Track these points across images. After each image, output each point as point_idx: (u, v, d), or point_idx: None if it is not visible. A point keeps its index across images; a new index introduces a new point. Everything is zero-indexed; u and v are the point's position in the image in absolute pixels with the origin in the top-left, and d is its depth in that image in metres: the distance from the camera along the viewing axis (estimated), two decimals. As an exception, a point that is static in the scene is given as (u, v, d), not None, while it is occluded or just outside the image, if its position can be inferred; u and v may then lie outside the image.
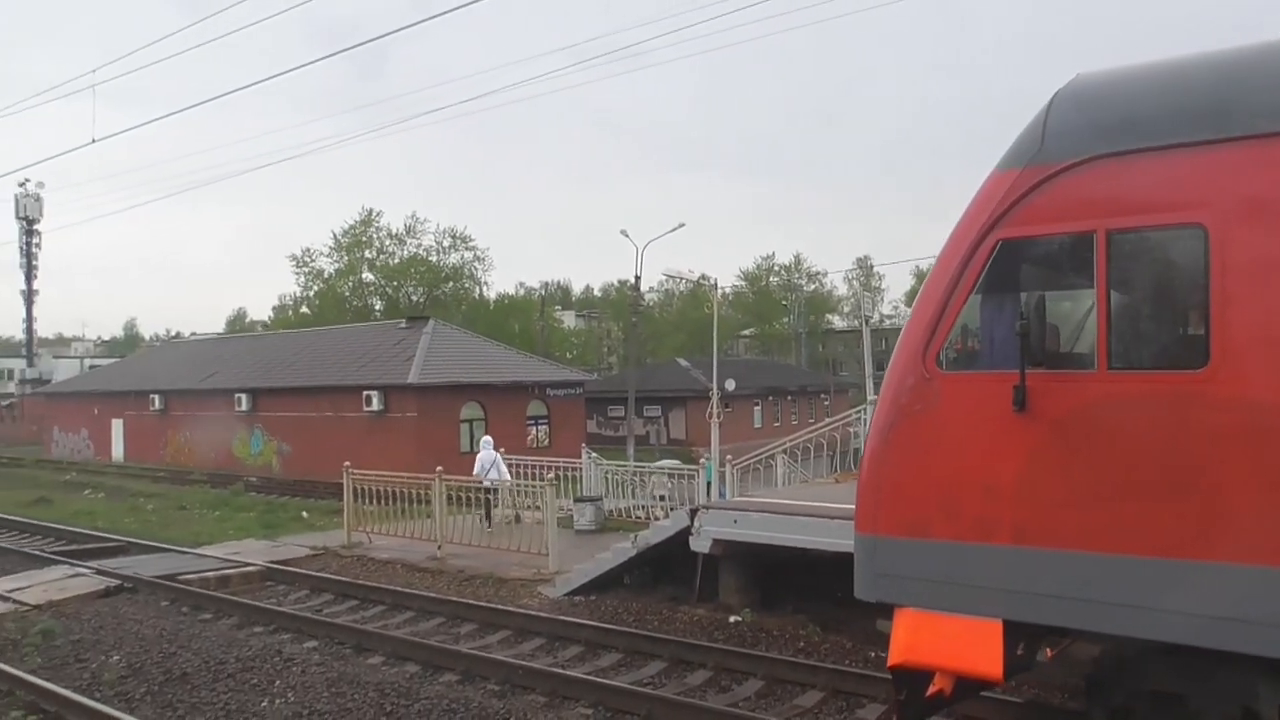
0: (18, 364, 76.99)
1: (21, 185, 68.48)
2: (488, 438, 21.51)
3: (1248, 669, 5.48)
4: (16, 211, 69.22)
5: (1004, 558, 5.97)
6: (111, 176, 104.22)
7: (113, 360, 73.05)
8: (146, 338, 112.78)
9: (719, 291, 43.50)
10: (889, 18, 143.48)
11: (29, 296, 71.14)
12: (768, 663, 10.17)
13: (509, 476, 19.76)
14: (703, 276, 39.75)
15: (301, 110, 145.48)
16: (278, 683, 10.24)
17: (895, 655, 6.46)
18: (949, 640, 6.20)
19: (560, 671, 10.06)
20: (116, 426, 48.84)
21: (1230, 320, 5.41)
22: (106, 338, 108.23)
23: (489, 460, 19.72)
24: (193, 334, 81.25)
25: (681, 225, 47.83)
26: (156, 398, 45.53)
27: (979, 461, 6.12)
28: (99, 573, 15.74)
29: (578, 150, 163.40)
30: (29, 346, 73.17)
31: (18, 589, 14.64)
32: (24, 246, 70.14)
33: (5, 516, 24.00)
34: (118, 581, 15.18)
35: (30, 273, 70.76)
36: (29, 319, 71.82)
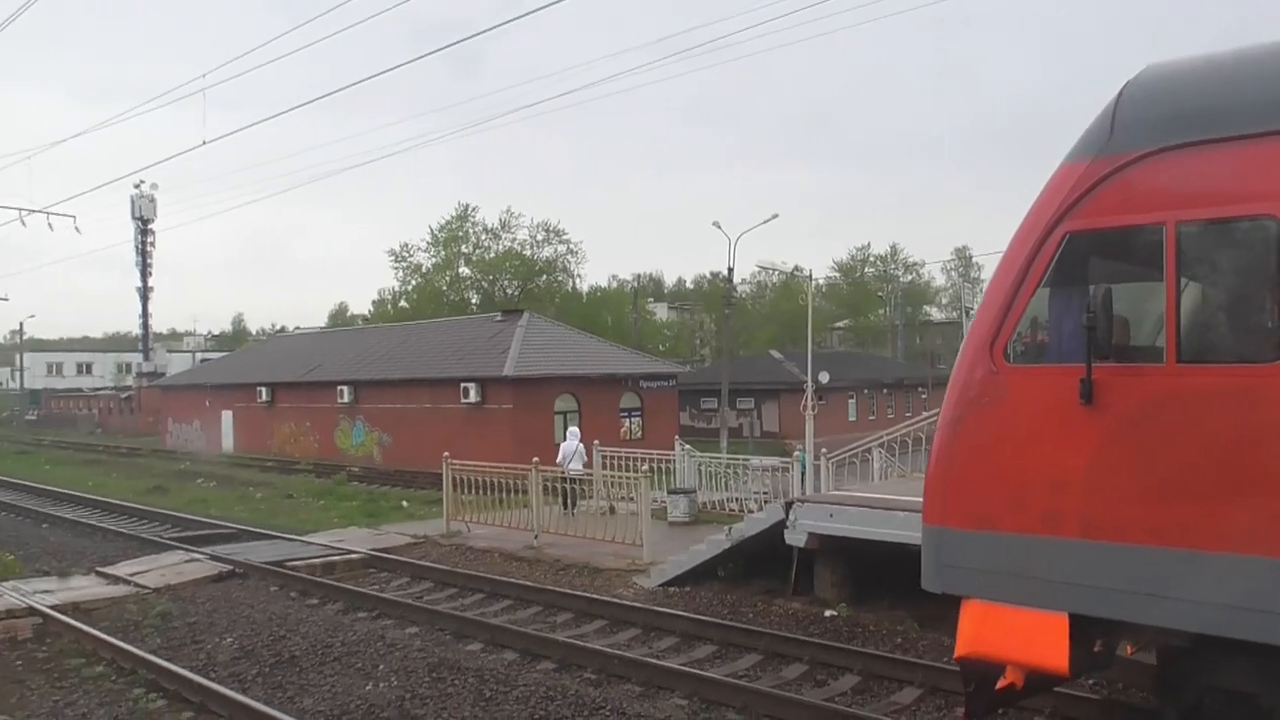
0: (135, 358, 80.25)
1: (137, 187, 71.27)
2: (574, 429, 21.88)
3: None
4: (132, 212, 71.95)
5: (1071, 551, 5.96)
6: (220, 177, 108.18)
7: (222, 354, 75.76)
8: (253, 332, 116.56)
9: (813, 283, 43.02)
10: None
11: (144, 293, 73.96)
12: (864, 658, 10.05)
13: (585, 465, 20.31)
14: (796, 268, 39.61)
15: (400, 109, 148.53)
16: (381, 667, 10.52)
17: (962, 647, 6.50)
18: (1015, 633, 6.19)
19: (656, 662, 10.11)
20: (226, 418, 50.62)
21: None
22: (216, 332, 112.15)
23: (571, 451, 20.13)
24: (297, 328, 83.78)
25: (775, 216, 47.31)
26: (264, 390, 47.06)
27: (1046, 455, 6.10)
28: (212, 558, 16.37)
29: (670, 142, 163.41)
30: (145, 341, 76.13)
31: (138, 573, 15.32)
32: (139, 245, 72.94)
33: (125, 504, 25.17)
34: (230, 567, 15.76)
35: (145, 270, 73.57)
36: (145, 314, 74.67)
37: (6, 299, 69.91)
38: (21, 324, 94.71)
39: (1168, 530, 5.64)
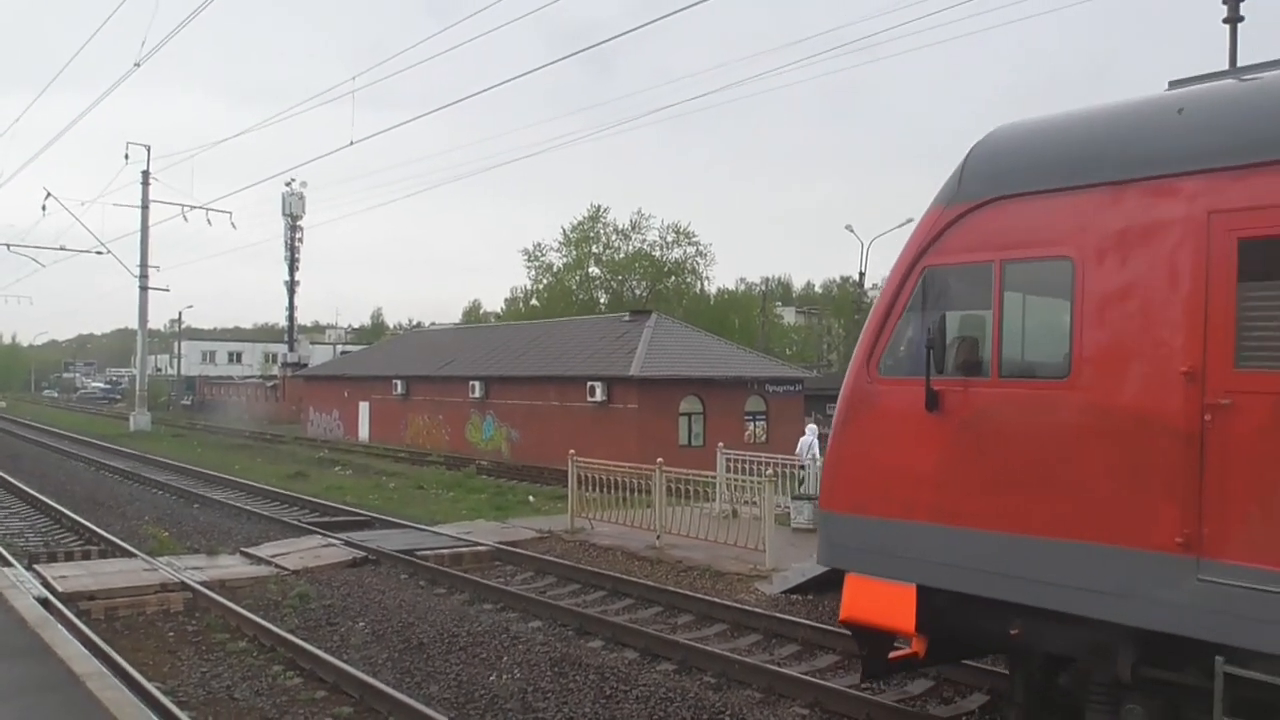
0: (280, 348, 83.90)
1: (288, 185, 74.43)
2: (812, 425, 22.47)
3: (1110, 633, 6.41)
4: (283, 209, 75.16)
5: (920, 533, 7.24)
6: (365, 176, 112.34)
7: (361, 347, 78.49)
8: (391, 326, 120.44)
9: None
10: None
11: (291, 287, 77.13)
12: (993, 676, 9.74)
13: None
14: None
15: (538, 110, 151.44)
16: (504, 659, 10.72)
17: (843, 613, 7.99)
18: (877, 600, 7.55)
19: (777, 669, 10.02)
20: (363, 408, 52.40)
21: (1087, 339, 6.48)
22: (356, 326, 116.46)
23: (807, 444, 20.98)
24: (432, 324, 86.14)
25: (910, 220, 46.31)
26: (399, 383, 48.52)
27: (904, 452, 7.41)
28: (348, 544, 16.98)
29: (802, 144, 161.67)
30: (290, 332, 79.46)
31: (279, 554, 16.01)
32: (288, 241, 76.10)
33: (268, 488, 26.32)
34: (364, 553, 16.32)
35: (293, 265, 76.69)
36: (291, 307, 77.87)
37: (168, 289, 74.03)
38: (180, 314, 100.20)
39: (995, 517, 6.83)
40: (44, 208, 49.54)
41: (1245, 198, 5.89)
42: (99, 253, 53.41)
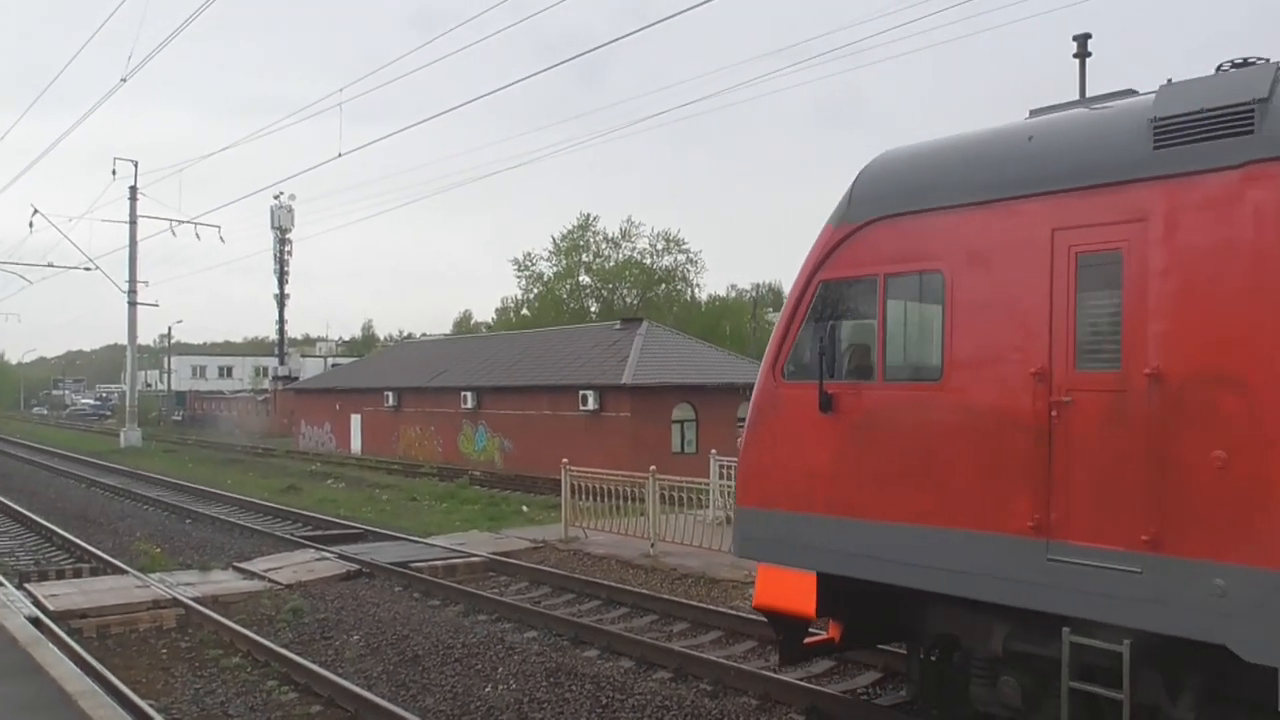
0: (271, 362, 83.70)
1: (276, 198, 74.27)
2: None
3: (983, 612, 7.13)
4: (271, 222, 75.03)
5: (818, 525, 7.91)
6: (354, 188, 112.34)
7: (352, 359, 78.30)
8: (381, 338, 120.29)
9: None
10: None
11: (281, 300, 76.95)
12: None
13: None
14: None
15: (526, 120, 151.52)
16: (500, 670, 10.70)
17: (755, 600, 8.75)
18: (783, 587, 8.24)
19: (773, 675, 10.01)
20: (355, 421, 52.29)
21: (956, 343, 7.15)
22: (346, 338, 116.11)
23: None
24: (423, 335, 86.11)
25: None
26: (390, 395, 48.44)
27: (804, 450, 8.06)
28: (341, 557, 16.94)
29: (793, 149, 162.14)
30: (280, 346, 79.27)
31: (272, 569, 15.96)
32: (277, 254, 75.94)
33: (261, 502, 26.24)
34: (357, 566, 16.28)
35: (282, 278, 76.52)
36: (281, 320, 77.67)
37: (156, 305, 73.54)
38: (170, 329, 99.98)
39: (881, 508, 7.47)
40: (31, 224, 49.54)
41: (1081, 217, 6.60)
42: (87, 269, 53.33)
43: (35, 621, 11.57)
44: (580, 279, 75.88)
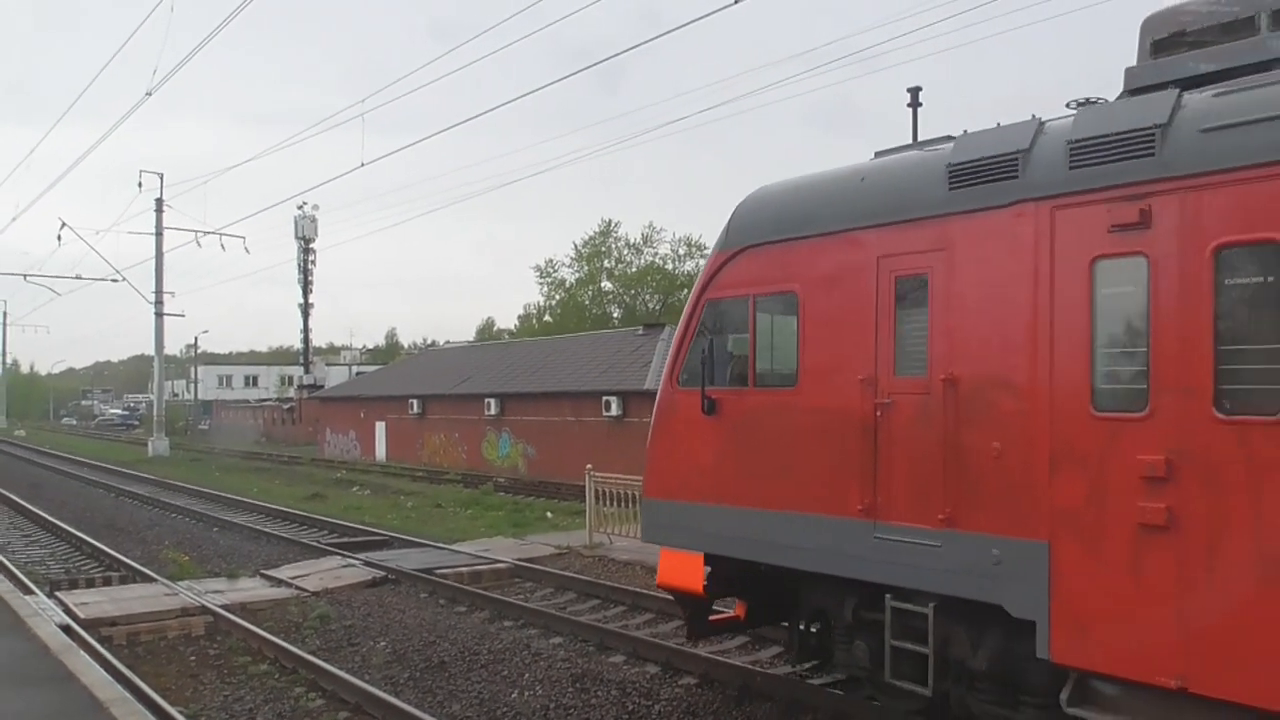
0: (296, 371, 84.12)
1: (300, 208, 74.72)
2: None
3: (839, 585, 8.27)
4: (295, 232, 75.48)
5: (705, 513, 9.09)
6: (377, 197, 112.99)
7: (376, 367, 78.69)
8: (405, 346, 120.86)
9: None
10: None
11: (305, 309, 77.30)
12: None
13: None
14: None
15: (546, 127, 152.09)
16: (526, 676, 10.70)
17: (657, 579, 10.11)
18: (677, 568, 9.55)
19: (799, 680, 9.96)
20: (380, 428, 52.52)
21: (807, 354, 8.32)
22: (371, 346, 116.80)
23: None
24: (446, 342, 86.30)
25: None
26: (415, 402, 48.62)
27: (694, 448, 9.24)
28: (367, 564, 17.01)
29: (810, 153, 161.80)
30: (305, 355, 79.66)
31: (298, 576, 16.05)
32: (301, 264, 76.37)
33: (287, 510, 26.40)
34: (383, 573, 16.33)
35: (307, 287, 76.90)
36: (305, 329, 78.02)
37: (183, 315, 74.24)
38: (196, 339, 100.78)
39: (753, 497, 8.61)
40: (59, 238, 50.08)
41: (899, 246, 7.69)
42: (114, 281, 53.90)
43: (66, 629, 11.69)
44: (602, 285, 75.94)
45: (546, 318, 78.89)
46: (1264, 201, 5.80)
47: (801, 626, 9.07)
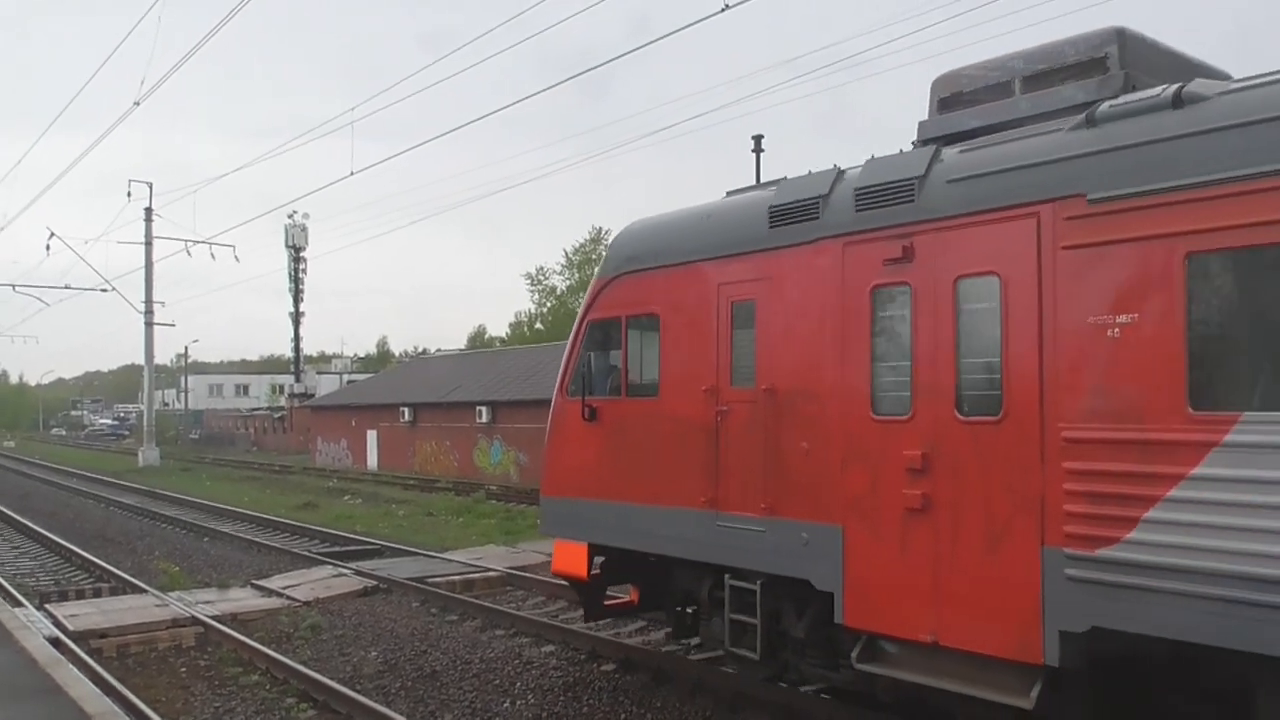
0: (287, 379, 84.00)
1: (290, 217, 74.68)
2: None
3: (698, 569, 9.55)
4: (286, 240, 75.39)
5: (589, 507, 10.35)
6: (367, 205, 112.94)
7: (367, 376, 78.51)
8: (396, 354, 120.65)
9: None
10: None
11: (296, 318, 77.21)
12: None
13: None
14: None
15: (535, 135, 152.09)
16: (518, 684, 10.68)
17: (551, 567, 11.48)
18: (567, 557, 10.77)
19: (792, 689, 9.94)
20: (371, 437, 52.41)
21: (666, 368, 9.58)
22: (361, 355, 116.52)
23: None
24: (437, 350, 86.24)
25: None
26: (406, 410, 48.53)
27: (579, 451, 10.49)
28: (358, 574, 16.96)
29: (799, 159, 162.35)
30: (296, 363, 79.53)
31: (290, 586, 15.99)
32: (292, 272, 76.27)
33: (278, 519, 26.31)
34: (374, 582, 16.28)
35: (297, 296, 76.85)
36: (296, 338, 77.95)
37: (173, 325, 73.90)
38: (186, 348, 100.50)
39: (626, 493, 9.83)
40: (48, 247, 49.96)
41: (734, 275, 8.89)
42: (104, 290, 53.79)
43: (55, 642, 11.62)
44: (593, 292, 75.98)
45: (538, 325, 78.93)
46: (988, 240, 7.04)
47: (678, 608, 10.19)
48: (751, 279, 8.70)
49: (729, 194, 9.80)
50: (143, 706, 9.44)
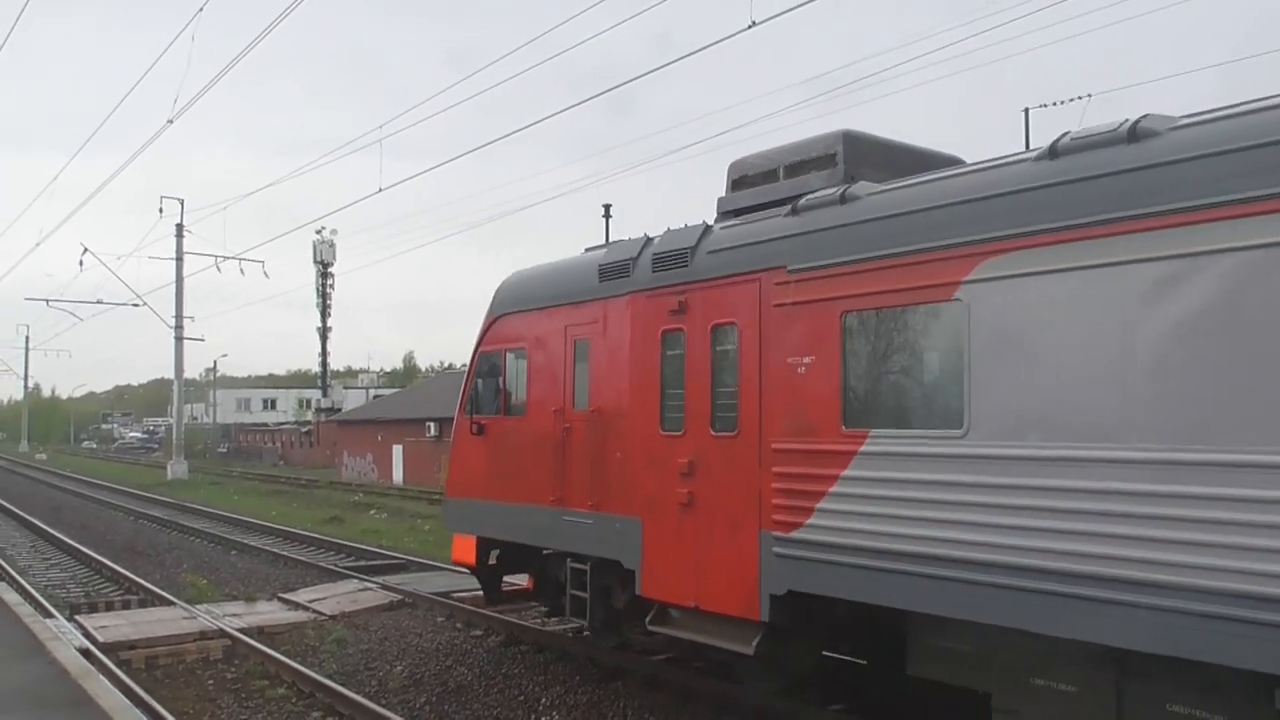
0: (314, 394, 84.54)
1: (319, 233, 75.39)
2: None
3: (560, 557, 11.38)
4: (314, 256, 76.08)
5: (477, 506, 12.39)
6: (395, 222, 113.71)
7: (394, 390, 78.92)
8: (422, 369, 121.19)
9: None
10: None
11: (324, 333, 77.86)
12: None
13: None
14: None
15: (561, 153, 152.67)
16: (543, 700, 10.67)
17: (452, 558, 13.65)
18: (463, 549, 12.75)
19: (810, 707, 9.88)
20: (397, 451, 52.67)
21: (531, 393, 11.57)
22: (388, 369, 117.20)
23: None
24: (463, 366, 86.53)
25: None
26: (432, 425, 48.72)
27: (471, 459, 12.53)
28: (384, 588, 17.01)
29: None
30: (323, 378, 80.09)
31: (316, 599, 16.06)
32: (320, 288, 76.96)
33: (305, 533, 26.43)
34: (400, 596, 16.33)
35: (325, 311, 77.48)
36: (324, 353, 78.58)
37: (203, 339, 74.84)
38: (215, 363, 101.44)
39: (503, 494, 11.80)
40: (81, 263, 50.56)
41: (576, 319, 10.90)
42: (135, 305, 54.41)
43: (85, 653, 11.72)
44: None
45: (562, 340, 78.84)
46: (730, 297, 9.01)
47: (550, 590, 12.03)
48: (587, 322, 10.78)
49: (586, 250, 11.75)
50: (170, 719, 9.50)
